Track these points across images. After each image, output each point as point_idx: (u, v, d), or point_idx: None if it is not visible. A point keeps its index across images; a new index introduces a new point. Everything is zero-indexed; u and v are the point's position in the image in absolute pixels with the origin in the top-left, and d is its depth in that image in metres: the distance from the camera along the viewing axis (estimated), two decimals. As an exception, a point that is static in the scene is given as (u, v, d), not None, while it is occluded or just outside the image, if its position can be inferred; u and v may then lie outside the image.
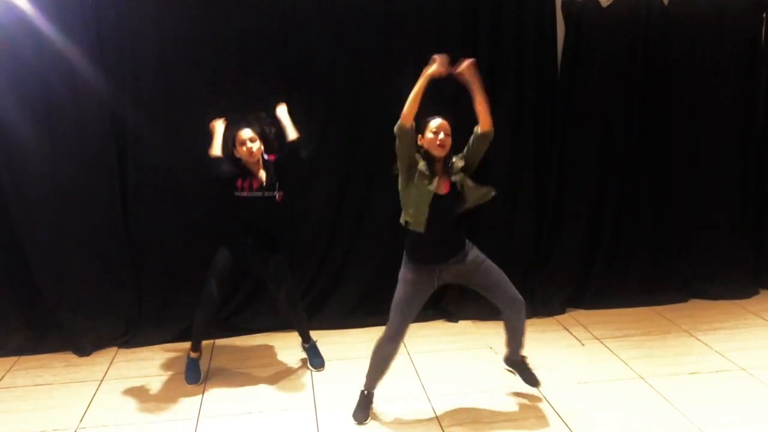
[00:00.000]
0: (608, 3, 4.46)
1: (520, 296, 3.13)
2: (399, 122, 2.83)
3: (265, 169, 3.46)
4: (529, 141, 4.51)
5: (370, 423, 3.17)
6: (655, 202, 4.75)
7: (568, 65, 4.49)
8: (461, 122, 2.98)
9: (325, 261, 4.45)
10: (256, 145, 3.37)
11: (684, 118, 4.68)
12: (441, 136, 2.89)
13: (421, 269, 3.03)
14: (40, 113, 3.89)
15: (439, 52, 4.24)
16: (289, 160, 3.49)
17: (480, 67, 4.28)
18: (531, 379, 3.33)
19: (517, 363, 3.37)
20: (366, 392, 3.23)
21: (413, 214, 2.94)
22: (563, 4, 4.45)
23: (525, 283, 4.60)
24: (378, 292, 4.47)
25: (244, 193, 3.40)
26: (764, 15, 4.73)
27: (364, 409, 3.21)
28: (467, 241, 3.09)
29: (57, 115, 3.91)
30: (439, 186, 2.92)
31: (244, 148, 3.35)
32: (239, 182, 3.39)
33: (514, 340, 3.27)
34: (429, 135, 2.91)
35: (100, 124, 3.98)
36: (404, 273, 3.07)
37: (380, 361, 3.16)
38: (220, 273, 3.52)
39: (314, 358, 3.80)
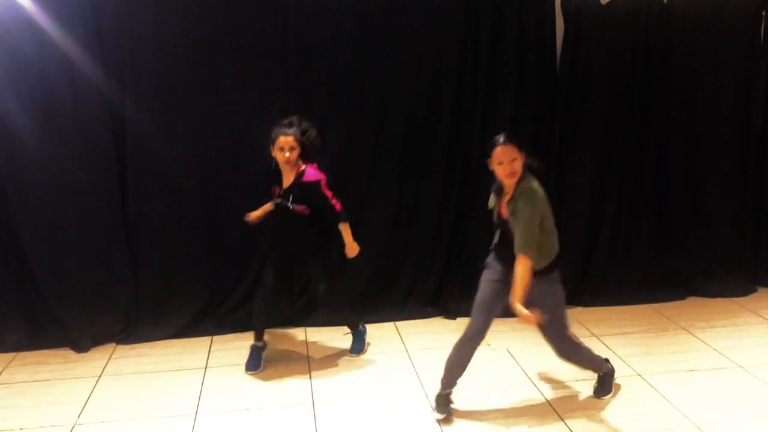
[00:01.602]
0: (607, 0, 4.46)
1: (559, 350, 3.16)
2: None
3: (295, 177, 3.52)
4: (528, 139, 4.49)
5: (367, 420, 3.16)
6: (654, 201, 4.74)
7: (567, 63, 4.48)
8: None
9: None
10: (294, 154, 3.46)
11: (684, 116, 4.67)
12: (505, 168, 2.86)
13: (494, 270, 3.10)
14: (40, 111, 3.88)
15: (439, 51, 4.31)
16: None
17: (480, 65, 4.36)
18: (598, 390, 3.35)
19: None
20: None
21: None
22: (563, 2, 4.43)
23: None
24: (376, 291, 4.48)
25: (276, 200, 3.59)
26: (764, 13, 4.72)
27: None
28: (550, 270, 3.01)
29: (57, 113, 3.91)
30: (501, 205, 2.98)
31: (281, 154, 3.45)
32: (275, 190, 3.57)
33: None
34: (495, 167, 2.91)
35: (99, 122, 3.97)
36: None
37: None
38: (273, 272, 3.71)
39: (354, 344, 3.92)
